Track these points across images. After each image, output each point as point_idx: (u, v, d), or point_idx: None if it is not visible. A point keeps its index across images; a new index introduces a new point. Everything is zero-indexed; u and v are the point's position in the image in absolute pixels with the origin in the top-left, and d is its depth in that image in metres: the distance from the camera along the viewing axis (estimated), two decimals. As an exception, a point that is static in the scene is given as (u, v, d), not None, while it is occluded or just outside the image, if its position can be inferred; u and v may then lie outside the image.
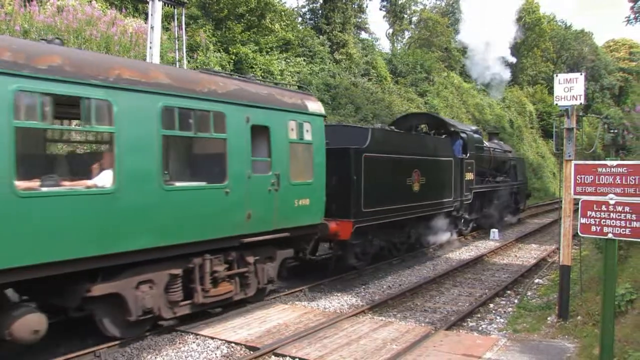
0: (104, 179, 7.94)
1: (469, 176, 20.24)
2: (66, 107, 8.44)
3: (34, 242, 6.95)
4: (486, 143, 24.14)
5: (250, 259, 10.56)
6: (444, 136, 19.71)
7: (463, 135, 20.53)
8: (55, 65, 7.24)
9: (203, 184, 9.55)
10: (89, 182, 7.95)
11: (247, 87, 10.54)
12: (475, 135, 22.42)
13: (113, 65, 8.11)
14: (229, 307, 10.74)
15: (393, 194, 14.87)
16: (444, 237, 18.97)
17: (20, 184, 6.86)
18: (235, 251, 10.18)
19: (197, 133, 9.32)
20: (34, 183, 7.29)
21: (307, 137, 11.60)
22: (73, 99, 7.54)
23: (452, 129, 20.33)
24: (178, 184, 9.15)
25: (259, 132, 10.36)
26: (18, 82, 6.76)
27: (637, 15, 18.83)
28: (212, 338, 9.27)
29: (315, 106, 12.08)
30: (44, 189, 7.24)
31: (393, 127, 17.48)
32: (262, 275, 10.96)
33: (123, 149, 7.94)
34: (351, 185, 13.25)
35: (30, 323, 7.31)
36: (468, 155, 20.28)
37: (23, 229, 6.83)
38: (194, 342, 9.14)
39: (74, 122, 10.07)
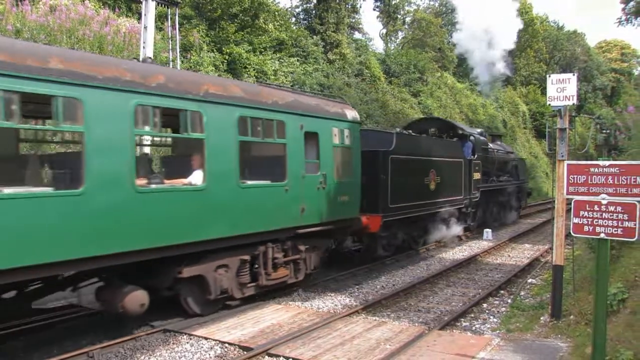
0: (197, 178, 9.55)
1: (477, 176, 21.91)
2: (169, 118, 9.81)
3: (147, 230, 8.55)
4: (490, 145, 25.42)
5: (302, 248, 12.21)
6: (454, 139, 21.36)
7: (471, 138, 22.13)
8: (161, 83, 8.83)
9: (268, 182, 11.12)
10: (185, 180, 9.54)
11: (301, 98, 12.34)
12: (482, 138, 23.81)
13: (202, 82, 9.84)
14: (224, 307, 10.78)
15: (414, 192, 16.75)
16: (455, 231, 20.35)
17: (138, 182, 8.44)
18: (290, 240, 11.82)
19: (264, 139, 10.95)
20: (143, 181, 8.83)
21: (347, 141, 13.37)
22: (174, 111, 9.13)
23: (461, 132, 22.03)
24: (249, 182, 10.63)
25: (310, 138, 12.05)
26: (136, 97, 8.33)
27: (628, 16, 18.92)
28: (206, 338, 9.26)
29: (352, 114, 13.93)
30: (152, 186, 8.90)
31: (410, 131, 19.16)
32: (309, 262, 12.63)
33: (211, 152, 9.55)
34: (380, 183, 15.04)
35: (138, 298, 8.85)
36: (476, 156, 21.88)
37: (141, 218, 8.47)
38: (187, 343, 9.13)
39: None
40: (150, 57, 9.97)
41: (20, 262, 6.98)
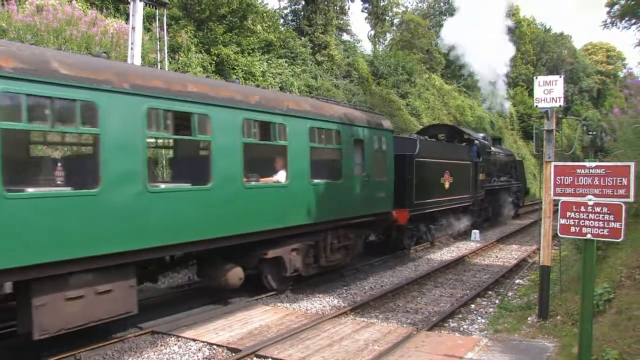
0: (282, 177, 11.85)
1: (482, 176, 24.31)
2: (263, 129, 11.61)
3: (252, 217, 10.93)
4: (492, 148, 27.61)
5: (352, 235, 14.66)
6: (463, 144, 23.70)
7: (476, 142, 24.27)
8: (258, 101, 11.15)
9: (328, 180, 13.30)
10: (273, 179, 11.80)
11: (349, 111, 14.60)
12: (485, 142, 26.10)
13: (284, 99, 12.37)
14: (212, 307, 10.77)
15: (433, 190, 19.25)
16: (463, 225, 22.73)
17: (244, 180, 10.61)
18: (342, 229, 14.10)
19: (326, 145, 13.27)
20: (247, 179, 10.92)
21: (383, 147, 15.75)
22: (267, 124, 11.40)
23: (467, 137, 24.42)
24: (315, 180, 12.77)
25: (357, 144, 14.41)
26: (243, 113, 10.67)
27: (613, 19, 19.09)
28: (194, 340, 9.25)
29: (387, 124, 16.56)
30: (252, 183, 11.11)
31: (426, 137, 21.33)
32: (356, 248, 15.10)
33: (292, 156, 11.90)
34: (406, 182, 17.36)
35: (237, 273, 11.11)
36: (481, 159, 24.09)
37: (247, 208, 10.79)
38: (175, 344, 9.10)
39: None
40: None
41: (176, 240, 9.39)
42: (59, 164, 9.40)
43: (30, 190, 7.58)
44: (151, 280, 10.80)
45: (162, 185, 9.61)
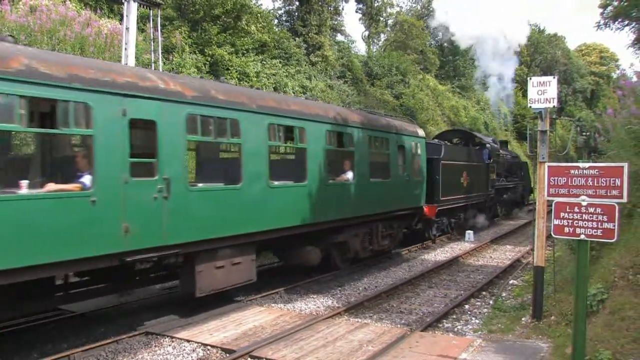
0: (350, 176, 14.49)
1: (492, 176, 27.31)
2: (339, 138, 14.30)
3: (335, 207, 13.85)
4: (500, 151, 30.58)
5: (395, 225, 17.63)
6: (477, 147, 26.45)
7: (488, 146, 27.30)
8: (334, 116, 14.00)
9: (381, 179, 16.10)
10: (345, 177, 14.42)
11: (392, 121, 17.69)
12: (495, 145, 29.23)
13: (351, 114, 15.26)
14: (207, 308, 10.76)
15: (455, 188, 22.09)
16: (477, 219, 25.56)
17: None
18: (388, 220, 17.01)
19: (380, 150, 16.31)
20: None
21: (419, 151, 18.61)
22: (341, 135, 14.23)
23: (479, 141, 27.25)
24: (372, 179, 15.53)
25: (400, 149, 17.23)
26: (327, 126, 13.47)
27: (606, 20, 19.17)
28: (188, 341, 9.23)
29: (422, 132, 19.43)
30: (330, 181, 13.75)
31: (445, 141, 24.26)
32: (397, 237, 18.14)
33: (357, 159, 14.72)
34: (434, 181, 20.21)
35: (317, 254, 13.77)
36: (492, 161, 26.94)
37: (331, 200, 13.65)
38: (169, 345, 9.08)
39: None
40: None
41: (284, 224, 12.04)
42: (222, 165, 12.43)
43: (199, 185, 10.72)
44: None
45: (276, 183, 11.87)
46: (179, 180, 9.38)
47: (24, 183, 7.49)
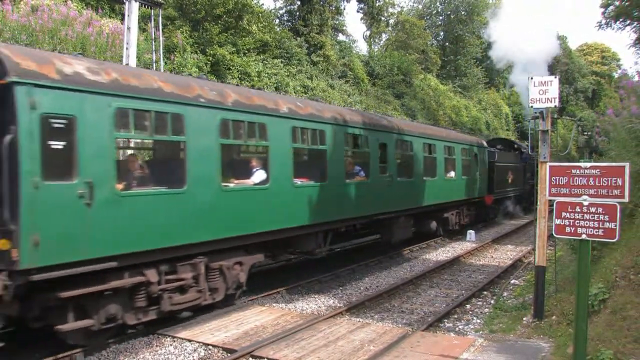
0: (452, 174, 21.29)
1: (528, 175, 33.30)
2: (448, 150, 21.42)
3: (444, 194, 20.68)
4: (530, 153, 35.86)
5: (472, 209, 24.91)
6: (516, 152, 32.92)
7: (524, 150, 32.84)
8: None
9: (467, 176, 23.32)
10: (450, 175, 21.30)
11: (470, 137, 25.91)
12: (528, 149, 34.35)
13: (456, 135, 23.62)
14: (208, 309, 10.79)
15: (504, 183, 28.89)
16: (513, 208, 32.21)
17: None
18: (467, 205, 24.03)
19: (468, 157, 23.23)
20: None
21: (484, 157, 26.00)
22: (452, 149, 21.45)
23: (517, 146, 34.00)
24: (462, 177, 22.77)
25: (474, 155, 24.25)
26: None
27: (607, 20, 19.14)
28: (189, 340, 9.23)
29: (483, 142, 27.10)
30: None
31: (494, 147, 30.43)
32: (473, 217, 25.17)
33: (457, 162, 21.87)
34: (491, 178, 26.70)
35: (435, 224, 20.84)
36: (527, 163, 32.89)
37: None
38: (171, 345, 9.09)
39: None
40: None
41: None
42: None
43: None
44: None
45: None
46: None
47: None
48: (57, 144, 7.58)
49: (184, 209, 9.36)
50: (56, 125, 7.55)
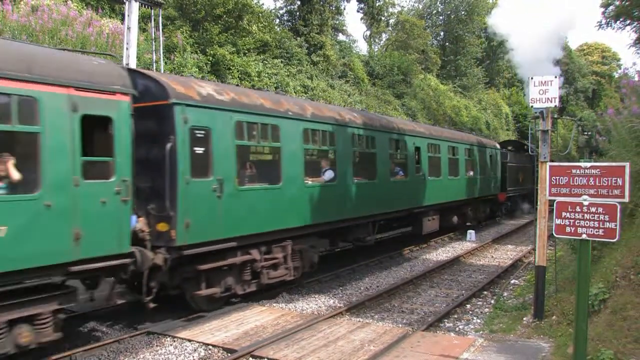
0: (471, 173, 24.06)
1: (536, 174, 33.00)
2: (468, 153, 24.28)
3: (467, 191, 23.69)
4: (531, 154, 39.09)
5: (488, 204, 27.74)
6: (526, 153, 34.05)
7: (533, 152, 31.67)
8: (475, 140, 25.89)
9: (483, 176, 25.41)
10: (469, 174, 23.73)
11: (485, 140, 28.43)
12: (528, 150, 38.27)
13: (480, 139, 27.35)
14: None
15: (515, 182, 31.68)
16: (523, 206, 34.30)
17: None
18: (483, 201, 26.44)
19: (483, 158, 25.78)
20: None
21: (498, 158, 28.47)
22: (472, 150, 24.45)
23: (526, 147, 33.97)
24: (479, 176, 24.94)
25: (490, 157, 26.69)
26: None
27: (608, 20, 19.12)
28: (190, 340, 9.23)
29: (497, 145, 29.63)
30: (466, 176, 23.20)
31: (505, 148, 33.38)
32: (486, 213, 28.00)
33: (475, 164, 24.41)
34: (504, 177, 29.20)
35: (455, 217, 23.02)
36: (536, 163, 31.28)
37: (463, 187, 23.09)
38: (171, 345, 9.09)
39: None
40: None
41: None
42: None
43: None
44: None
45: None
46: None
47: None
48: (200, 150, 9.84)
49: (280, 201, 11.74)
50: (199, 135, 9.83)
